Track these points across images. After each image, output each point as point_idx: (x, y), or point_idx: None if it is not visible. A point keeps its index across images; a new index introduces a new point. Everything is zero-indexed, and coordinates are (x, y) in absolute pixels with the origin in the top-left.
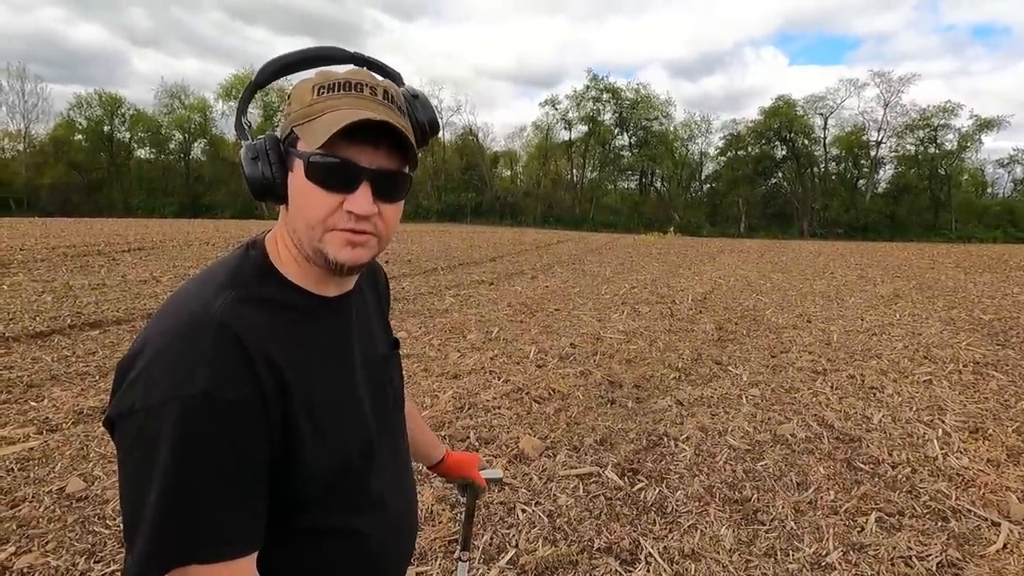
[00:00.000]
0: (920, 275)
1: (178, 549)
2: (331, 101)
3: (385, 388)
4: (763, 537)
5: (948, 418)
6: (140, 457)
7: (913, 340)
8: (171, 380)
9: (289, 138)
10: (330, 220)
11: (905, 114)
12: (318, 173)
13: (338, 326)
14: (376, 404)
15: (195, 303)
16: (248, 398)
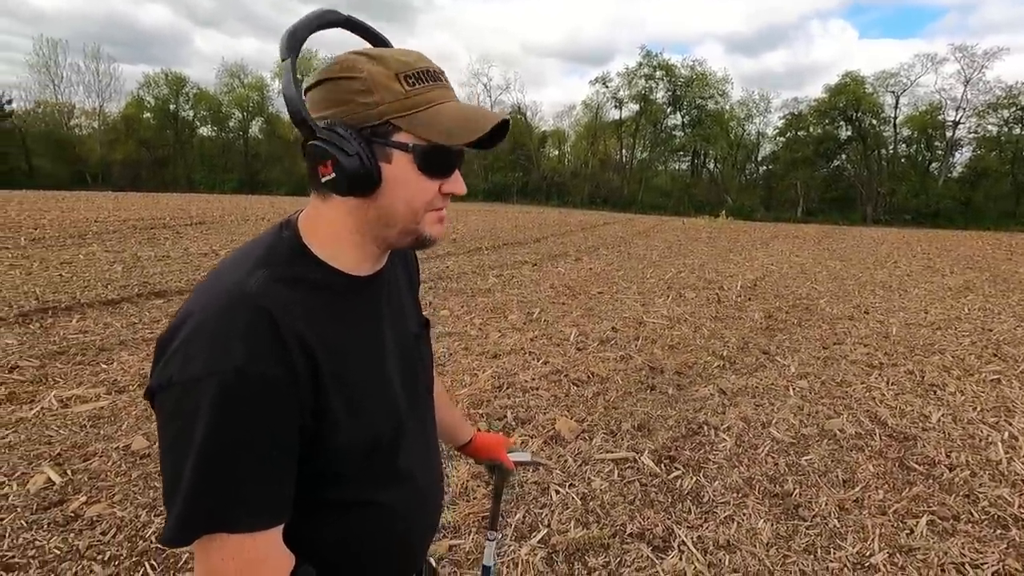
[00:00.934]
0: (995, 266)
1: (209, 517)
2: (430, 93)
3: (415, 367)
4: (803, 533)
5: (1016, 420)
6: (177, 429)
7: (982, 336)
8: (207, 355)
9: (382, 128)
10: (432, 202)
11: (988, 91)
12: (433, 163)
13: (370, 305)
14: (406, 382)
15: (231, 281)
16: (280, 376)
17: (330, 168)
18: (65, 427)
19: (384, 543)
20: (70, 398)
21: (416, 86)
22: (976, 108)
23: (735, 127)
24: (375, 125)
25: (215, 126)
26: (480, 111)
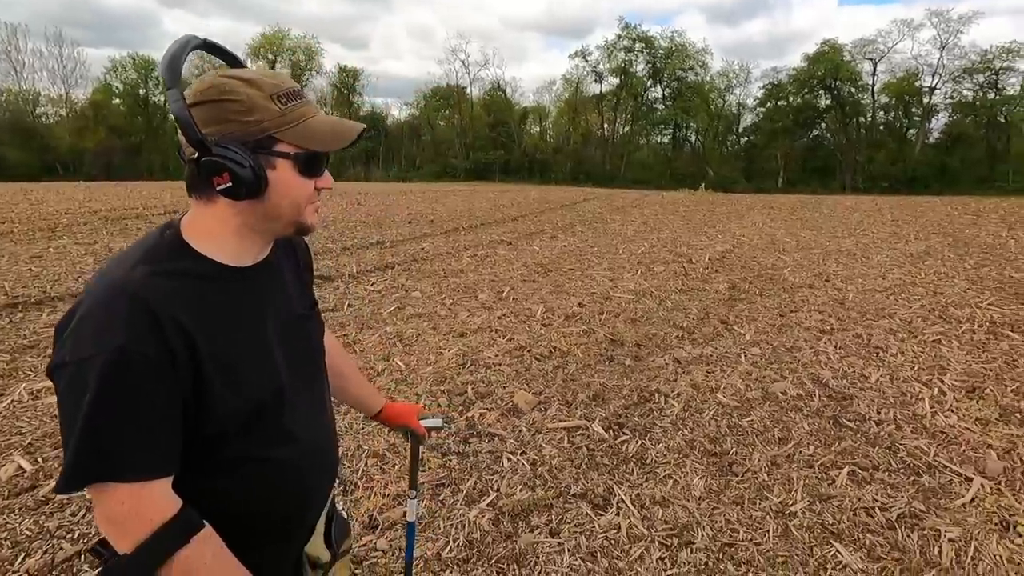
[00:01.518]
0: (958, 231)
1: (94, 469)
2: (300, 109)
3: (301, 343)
4: (733, 487)
5: (948, 378)
6: (72, 400)
7: (932, 299)
8: (94, 338)
9: (266, 141)
10: (311, 197)
11: (964, 56)
12: (310, 166)
13: (251, 291)
14: (289, 356)
15: (114, 276)
16: (157, 355)
17: (226, 178)
18: (36, 418)
19: (278, 493)
20: (40, 390)
21: (288, 104)
22: (952, 73)
23: (715, 98)
24: (259, 139)
25: None
26: (344, 123)
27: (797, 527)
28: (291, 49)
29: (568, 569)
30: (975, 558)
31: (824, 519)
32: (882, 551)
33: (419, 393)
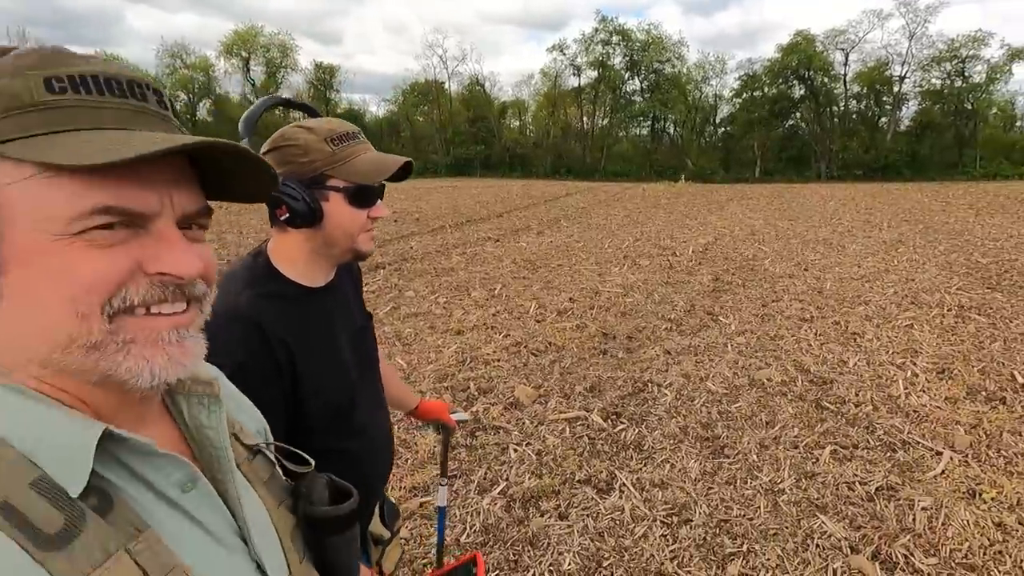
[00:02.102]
0: (929, 218)
1: None
2: (349, 149)
3: (363, 351)
4: (726, 468)
5: (920, 360)
6: None
7: (904, 286)
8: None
9: (319, 178)
10: (363, 225)
11: (932, 46)
12: (360, 198)
13: (325, 308)
14: (356, 362)
15: (227, 302)
16: (269, 367)
17: (284, 211)
18: None
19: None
20: None
21: (339, 144)
22: (920, 62)
23: (692, 90)
24: (313, 176)
25: None
26: (387, 158)
27: (785, 502)
28: (265, 46)
29: (579, 548)
30: (945, 523)
31: (810, 494)
32: (862, 520)
33: (423, 391)
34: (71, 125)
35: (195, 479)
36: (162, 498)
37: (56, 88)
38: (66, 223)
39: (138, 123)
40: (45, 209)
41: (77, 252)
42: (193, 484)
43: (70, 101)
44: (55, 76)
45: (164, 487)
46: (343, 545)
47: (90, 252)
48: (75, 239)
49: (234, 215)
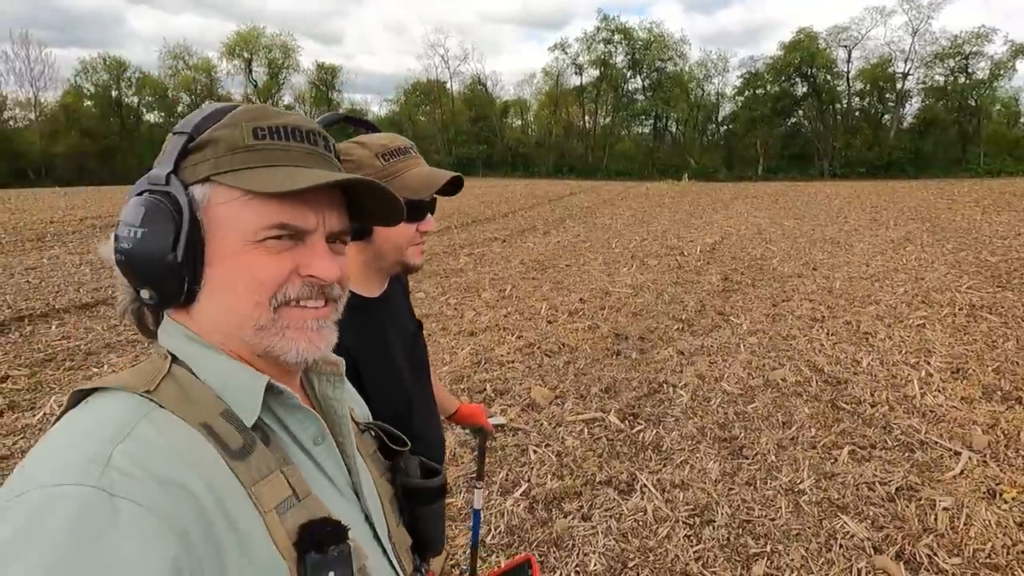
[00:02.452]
0: (935, 216)
1: None
2: (400, 164)
3: (416, 357)
4: (746, 469)
5: (934, 360)
6: None
7: (914, 285)
8: None
9: None
10: (412, 239)
11: (935, 42)
12: (410, 212)
13: (380, 317)
14: (410, 368)
15: None
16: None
17: None
18: None
19: None
20: None
21: (390, 160)
22: (923, 59)
23: (694, 88)
24: None
25: (162, 112)
26: (437, 172)
27: (807, 503)
28: (267, 47)
29: (603, 549)
30: (967, 523)
31: (830, 494)
32: (884, 521)
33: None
34: (265, 162)
35: (324, 434)
36: (299, 446)
37: (259, 135)
38: (254, 233)
39: (310, 162)
40: (242, 222)
41: (258, 255)
42: (323, 439)
43: (267, 145)
44: (259, 127)
45: (302, 438)
46: (432, 516)
47: (267, 256)
48: (258, 245)
49: None
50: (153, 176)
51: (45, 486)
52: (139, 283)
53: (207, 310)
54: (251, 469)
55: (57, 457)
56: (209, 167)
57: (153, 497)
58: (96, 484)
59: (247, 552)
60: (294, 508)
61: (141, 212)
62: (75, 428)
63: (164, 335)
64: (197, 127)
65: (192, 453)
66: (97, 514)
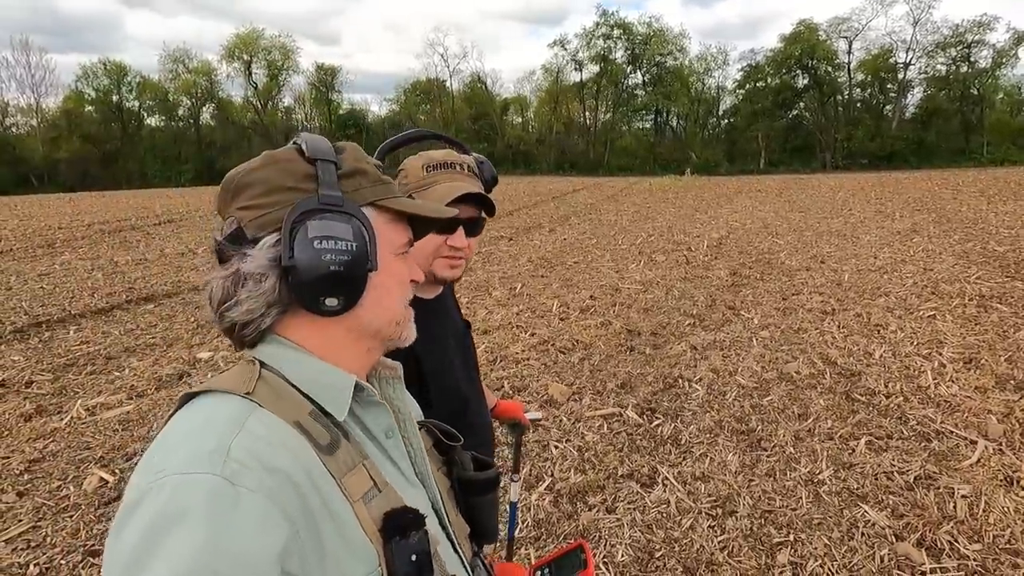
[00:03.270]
0: (941, 207)
1: None
2: (438, 176)
3: (468, 352)
4: (765, 461)
5: (946, 351)
6: None
7: (923, 276)
8: None
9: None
10: (438, 251)
11: (936, 31)
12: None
13: (436, 316)
14: (463, 363)
15: None
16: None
17: None
18: (99, 433)
19: None
20: (95, 406)
21: (431, 172)
22: (925, 48)
23: (695, 82)
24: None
25: (163, 115)
26: (457, 187)
27: (827, 493)
28: (266, 49)
29: (630, 540)
30: (986, 511)
31: (849, 484)
32: (904, 509)
33: None
34: (392, 193)
35: (394, 429)
36: (373, 439)
37: (380, 170)
38: (399, 247)
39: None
40: (390, 238)
41: (400, 264)
42: (393, 433)
43: (386, 178)
44: (375, 164)
45: (376, 431)
46: (487, 506)
47: (403, 264)
48: (399, 256)
49: None
50: (330, 197)
51: (179, 472)
52: (337, 291)
53: (368, 311)
54: (339, 462)
55: (184, 448)
56: (371, 194)
57: (266, 485)
58: (220, 473)
59: (343, 536)
60: (377, 498)
61: (350, 228)
62: (194, 423)
63: (263, 345)
64: (335, 157)
65: (293, 446)
66: (223, 498)
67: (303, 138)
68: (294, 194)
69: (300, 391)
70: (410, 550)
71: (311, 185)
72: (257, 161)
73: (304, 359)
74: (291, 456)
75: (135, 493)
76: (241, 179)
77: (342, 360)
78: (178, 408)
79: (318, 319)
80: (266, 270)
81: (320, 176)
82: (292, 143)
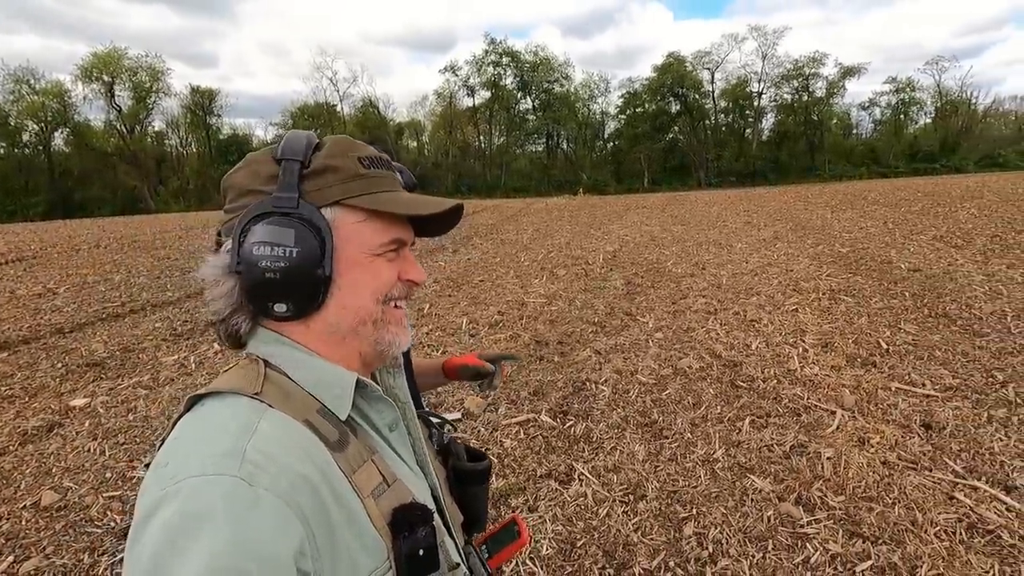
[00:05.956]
0: (795, 216)
1: None
2: None
3: None
4: (667, 448)
5: (807, 338)
6: None
7: (786, 276)
8: None
9: None
10: None
11: (780, 65)
12: None
13: None
14: None
15: None
16: None
17: None
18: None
19: None
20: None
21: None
22: (773, 79)
23: (581, 108)
24: None
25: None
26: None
27: (720, 469)
28: (131, 69)
29: (553, 534)
30: (846, 468)
31: (739, 460)
32: (784, 475)
33: None
34: (376, 188)
35: (399, 421)
36: (377, 433)
37: (365, 165)
38: (376, 248)
39: (396, 186)
40: (364, 238)
41: (378, 264)
42: (396, 425)
43: (372, 174)
44: (361, 157)
45: (380, 425)
46: (480, 495)
47: (383, 264)
48: (377, 257)
49: None
50: (281, 200)
51: (197, 475)
52: (281, 298)
53: (332, 313)
54: (349, 459)
55: (198, 452)
56: (339, 192)
57: (282, 487)
58: (238, 474)
59: (355, 532)
60: (386, 493)
61: (291, 233)
62: (206, 426)
63: (259, 343)
64: (303, 155)
65: (306, 445)
66: (243, 499)
67: (285, 136)
68: (255, 197)
69: (304, 389)
70: (417, 545)
71: (271, 187)
72: (240, 163)
73: (305, 358)
74: (305, 455)
75: (150, 500)
76: (224, 182)
77: (338, 358)
78: (185, 411)
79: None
80: (220, 275)
81: (280, 177)
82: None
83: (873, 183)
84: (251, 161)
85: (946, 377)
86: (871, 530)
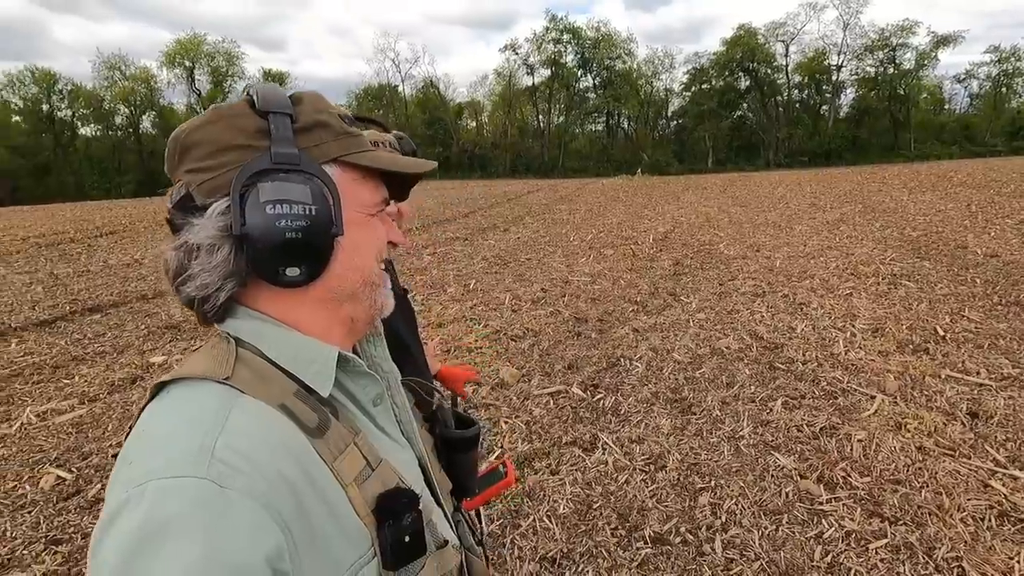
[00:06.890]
0: (867, 198)
1: None
2: None
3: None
4: (693, 423)
5: (858, 323)
6: None
7: (845, 260)
8: None
9: None
10: None
11: (864, 35)
12: None
13: None
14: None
15: None
16: None
17: None
18: (52, 436)
19: None
20: (45, 412)
21: None
22: (855, 51)
23: (644, 85)
24: None
25: (99, 125)
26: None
27: (745, 445)
28: (210, 55)
29: (571, 496)
30: (876, 450)
31: (765, 438)
32: (809, 454)
33: None
34: (363, 147)
35: (383, 396)
36: (361, 409)
37: (347, 122)
38: (371, 207)
39: (370, 145)
40: (361, 196)
41: (374, 223)
42: (381, 399)
43: (353, 131)
44: (341, 114)
45: (364, 401)
46: (467, 463)
47: (378, 224)
48: (371, 217)
49: None
50: (282, 156)
51: (160, 477)
52: (296, 260)
53: (336, 276)
54: (330, 445)
55: (164, 448)
56: (336, 148)
57: (257, 487)
58: (206, 476)
59: (337, 524)
60: (371, 478)
61: (307, 190)
62: (171, 419)
63: (233, 319)
64: (291, 109)
65: (282, 437)
66: (211, 504)
67: (254, 88)
68: (245, 153)
69: (281, 369)
70: (403, 532)
71: (264, 142)
72: (204, 116)
73: (280, 333)
74: (281, 448)
75: (115, 502)
76: (186, 138)
77: (320, 331)
78: (150, 399)
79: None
80: (217, 240)
81: (273, 131)
82: (245, 94)
83: (963, 163)
84: (224, 115)
85: (1006, 367)
86: (892, 511)
